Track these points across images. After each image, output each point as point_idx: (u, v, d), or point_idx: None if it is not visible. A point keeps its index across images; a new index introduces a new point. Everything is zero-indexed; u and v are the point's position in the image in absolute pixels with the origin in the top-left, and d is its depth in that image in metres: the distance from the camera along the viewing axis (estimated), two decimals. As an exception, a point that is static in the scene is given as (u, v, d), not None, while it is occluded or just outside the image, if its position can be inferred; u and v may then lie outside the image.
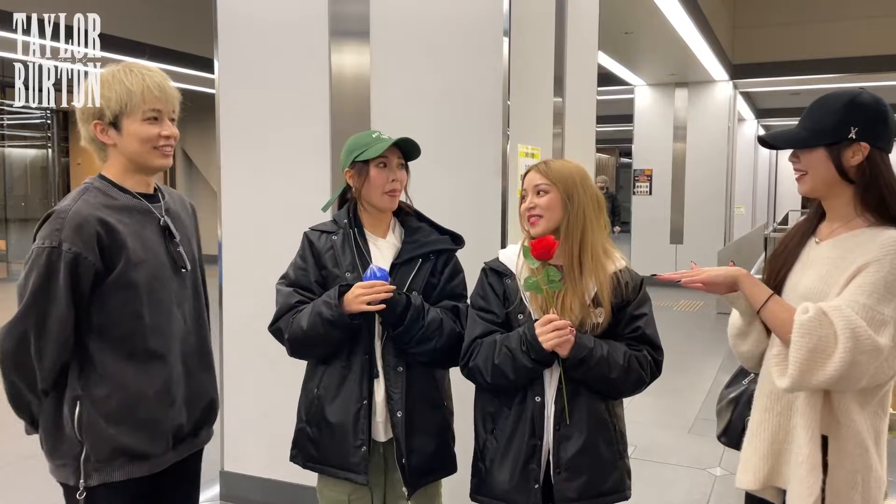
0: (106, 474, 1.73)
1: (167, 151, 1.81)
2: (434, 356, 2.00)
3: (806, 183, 1.71)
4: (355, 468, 1.99)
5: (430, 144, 2.13)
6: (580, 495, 1.85)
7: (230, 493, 3.47)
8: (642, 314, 1.92)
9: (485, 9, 2.87)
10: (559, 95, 3.49)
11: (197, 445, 1.95)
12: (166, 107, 1.79)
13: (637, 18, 7.63)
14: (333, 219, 2.14)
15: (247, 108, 3.33)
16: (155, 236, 1.81)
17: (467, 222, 2.42)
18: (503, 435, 1.90)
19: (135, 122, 1.74)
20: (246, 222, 3.36)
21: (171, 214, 1.88)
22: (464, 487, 2.02)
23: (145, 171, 1.83)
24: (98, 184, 1.78)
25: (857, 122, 1.62)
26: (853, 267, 1.58)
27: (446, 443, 2.12)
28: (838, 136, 1.63)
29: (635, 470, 2.00)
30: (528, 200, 1.93)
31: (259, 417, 3.32)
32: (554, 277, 1.81)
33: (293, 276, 2.08)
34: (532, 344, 1.80)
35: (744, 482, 1.78)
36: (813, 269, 1.69)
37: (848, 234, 1.67)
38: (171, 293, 1.82)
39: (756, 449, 1.75)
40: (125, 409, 1.74)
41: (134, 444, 1.75)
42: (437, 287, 2.07)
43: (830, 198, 1.72)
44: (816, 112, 1.70)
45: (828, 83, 11.97)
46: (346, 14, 3.10)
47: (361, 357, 2.00)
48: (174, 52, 8.83)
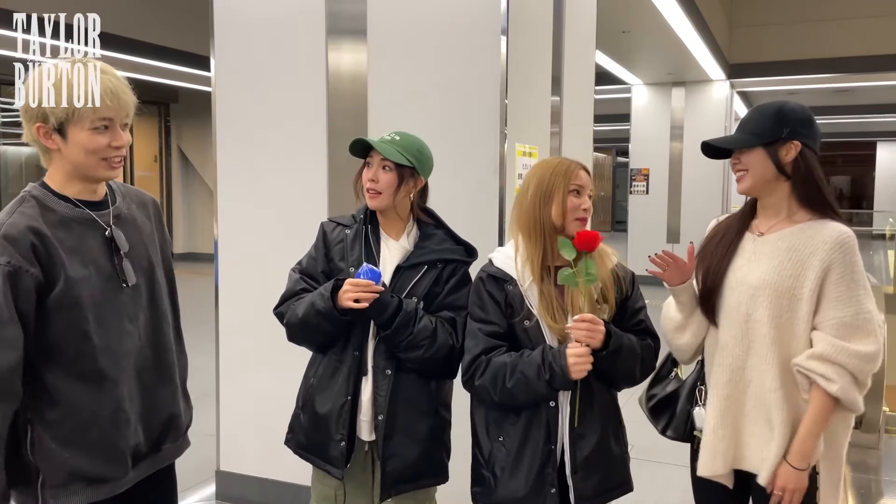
0: (64, 500, 1.64)
1: (115, 163, 1.65)
2: (423, 365, 1.97)
3: (746, 181, 1.88)
4: (333, 461, 2.00)
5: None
6: (597, 492, 1.85)
7: (225, 492, 3.46)
8: (641, 307, 1.96)
9: (482, 8, 2.87)
10: (557, 94, 3.49)
11: (160, 462, 1.84)
12: (118, 114, 1.62)
13: (634, 17, 7.64)
14: (354, 213, 2.13)
15: (243, 107, 3.31)
16: (98, 248, 1.67)
17: (464, 221, 2.41)
18: (513, 442, 1.86)
19: (82, 131, 1.58)
20: (242, 220, 3.35)
21: (122, 221, 1.75)
22: (464, 489, 2.00)
23: (89, 181, 1.67)
24: (37, 192, 1.64)
25: (788, 123, 1.83)
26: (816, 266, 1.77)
27: (434, 451, 2.06)
28: (773, 136, 1.83)
29: (635, 469, 2.01)
30: (585, 200, 1.89)
31: (254, 417, 3.31)
32: (592, 270, 1.80)
33: (305, 263, 2.11)
34: (557, 375, 1.77)
35: (712, 468, 1.89)
36: (764, 261, 1.84)
37: (793, 227, 1.84)
38: (120, 308, 1.69)
39: (722, 437, 1.87)
40: (77, 431, 1.63)
41: (89, 467, 1.65)
42: (438, 296, 2.03)
43: (767, 195, 1.88)
44: (749, 122, 1.89)
45: (824, 83, 12.02)
46: (343, 12, 3.09)
47: (352, 353, 2.00)
48: (170, 50, 8.81)
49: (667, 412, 2.08)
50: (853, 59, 10.51)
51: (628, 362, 1.86)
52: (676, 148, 11.29)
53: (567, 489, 1.85)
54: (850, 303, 1.76)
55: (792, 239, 1.82)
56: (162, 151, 13.66)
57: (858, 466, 4.19)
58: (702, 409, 1.97)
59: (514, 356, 1.85)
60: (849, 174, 29.42)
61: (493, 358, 1.87)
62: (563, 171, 1.88)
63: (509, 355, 1.86)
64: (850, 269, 1.77)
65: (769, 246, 1.85)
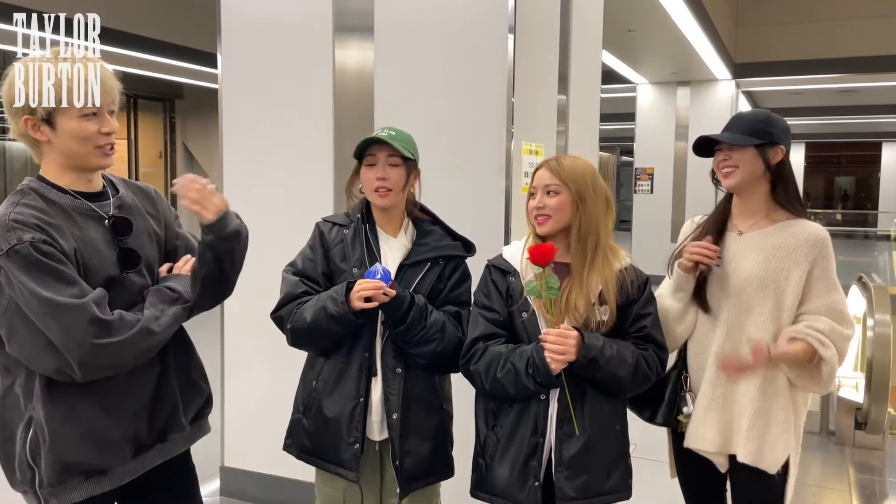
0: (64, 497, 1.63)
1: (108, 150, 1.67)
2: (434, 359, 1.98)
3: (735, 177, 2.03)
4: (347, 464, 1.98)
5: (434, 141, 2.12)
6: (580, 494, 1.84)
7: (230, 488, 3.46)
8: (648, 313, 1.93)
9: (489, 6, 2.86)
10: (563, 93, 3.48)
11: (168, 452, 1.82)
12: (105, 100, 1.63)
13: (640, 16, 7.62)
14: (347, 212, 2.12)
15: (249, 103, 3.31)
16: (100, 237, 1.67)
17: (470, 220, 2.42)
18: (504, 431, 1.90)
19: (71, 119, 1.60)
20: (248, 218, 3.31)
21: (126, 209, 1.75)
22: (464, 485, 2.02)
23: (84, 170, 1.69)
24: (35, 185, 1.64)
25: (776, 130, 2.02)
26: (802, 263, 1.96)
27: (443, 446, 2.09)
28: (766, 139, 2.00)
29: (636, 468, 2.01)
30: (537, 199, 1.91)
31: (259, 413, 3.32)
32: (553, 285, 1.80)
33: (301, 265, 2.07)
34: (540, 369, 1.80)
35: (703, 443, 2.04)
36: (750, 257, 2.01)
37: (773, 225, 2.03)
38: (120, 296, 1.68)
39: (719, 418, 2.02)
40: (68, 424, 1.61)
41: (83, 458, 1.63)
42: (442, 292, 2.05)
43: (750, 193, 2.06)
44: (739, 124, 2.05)
45: (830, 83, 11.99)
46: (350, 10, 3.08)
47: (361, 354, 1.99)
48: (175, 46, 8.82)
49: (651, 401, 2.14)
50: (859, 59, 10.48)
51: (611, 372, 1.83)
52: (681, 147, 11.26)
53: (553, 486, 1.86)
54: (834, 291, 1.98)
55: (775, 237, 2.00)
56: (167, 148, 13.65)
57: (863, 468, 4.18)
58: (688, 395, 2.09)
59: (509, 347, 1.88)
60: (853, 175, 29.35)
61: (490, 346, 1.90)
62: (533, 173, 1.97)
63: (505, 346, 1.89)
64: (830, 263, 1.99)
65: (753, 242, 2.02)
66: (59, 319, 1.52)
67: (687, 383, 2.11)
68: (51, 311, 1.52)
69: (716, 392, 2.03)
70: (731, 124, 2.08)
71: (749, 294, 1.99)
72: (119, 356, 1.59)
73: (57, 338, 1.53)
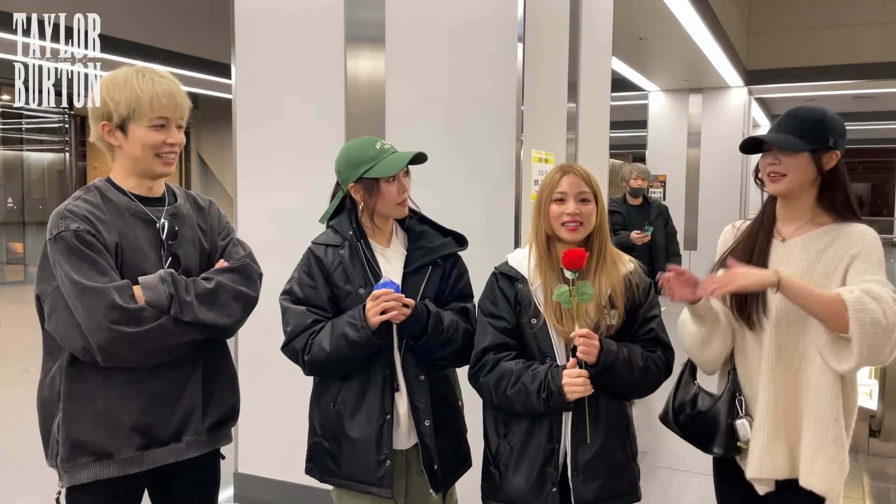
0: (73, 476, 1.72)
1: (170, 159, 1.82)
2: (454, 358, 2.01)
3: (784, 183, 1.88)
4: (379, 482, 1.95)
5: (444, 149, 2.14)
6: (597, 497, 1.86)
7: (244, 494, 3.49)
8: (654, 316, 1.95)
9: (499, 14, 2.89)
10: (573, 101, 3.50)
11: (183, 453, 1.84)
12: (174, 114, 1.79)
13: (651, 24, 7.62)
14: (334, 229, 2.07)
15: (263, 113, 3.35)
16: (146, 238, 1.80)
17: (480, 227, 2.43)
18: (517, 439, 1.90)
19: (141, 128, 1.75)
20: (261, 226, 3.39)
21: (178, 218, 1.87)
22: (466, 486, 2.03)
23: (146, 176, 1.83)
24: (100, 184, 1.81)
25: (833, 133, 1.85)
26: (845, 260, 1.81)
27: (464, 439, 2.14)
28: (821, 143, 1.84)
29: (648, 475, 2.01)
30: (570, 206, 1.89)
31: (273, 420, 3.34)
32: (586, 290, 1.81)
33: (301, 293, 2.01)
34: (554, 395, 1.80)
35: (775, 471, 1.85)
36: (792, 266, 1.85)
37: (817, 230, 1.88)
38: None
39: (787, 440, 1.86)
40: (84, 403, 1.71)
41: (92, 439, 1.71)
42: (446, 291, 2.07)
43: (797, 198, 1.91)
44: (792, 124, 1.87)
45: (843, 89, 11.92)
46: (361, 20, 3.12)
47: (383, 371, 1.96)
48: (189, 57, 8.92)
49: (707, 430, 1.98)
50: (873, 65, 10.42)
51: (625, 375, 1.84)
52: (693, 154, 11.24)
53: (569, 491, 1.87)
54: (879, 271, 1.79)
55: (819, 242, 1.86)
56: (181, 157, 13.74)
57: (877, 475, 4.15)
58: (744, 420, 1.92)
59: (521, 365, 1.87)
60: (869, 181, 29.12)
61: (502, 360, 1.89)
62: (548, 181, 1.94)
63: (517, 362, 1.88)
64: (873, 256, 1.80)
65: (795, 250, 1.88)
66: (84, 302, 1.64)
67: (742, 407, 1.94)
68: (77, 293, 1.64)
69: (777, 411, 1.86)
70: (784, 123, 1.89)
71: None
72: (135, 346, 1.68)
73: (81, 319, 1.65)
